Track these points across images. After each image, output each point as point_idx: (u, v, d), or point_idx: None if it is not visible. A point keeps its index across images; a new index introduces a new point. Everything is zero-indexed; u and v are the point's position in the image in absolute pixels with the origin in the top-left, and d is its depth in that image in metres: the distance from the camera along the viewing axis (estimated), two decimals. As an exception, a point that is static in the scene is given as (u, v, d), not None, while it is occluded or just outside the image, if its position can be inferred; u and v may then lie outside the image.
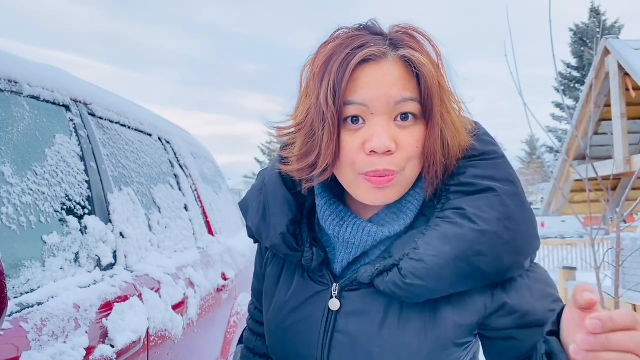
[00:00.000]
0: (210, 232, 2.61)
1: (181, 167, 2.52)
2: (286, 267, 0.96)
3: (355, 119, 0.80)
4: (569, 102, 25.95)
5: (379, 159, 0.78)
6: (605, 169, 5.31)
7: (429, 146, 0.80)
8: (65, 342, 1.13)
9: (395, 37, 0.81)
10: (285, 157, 0.90)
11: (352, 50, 0.78)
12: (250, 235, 0.99)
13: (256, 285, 1.09)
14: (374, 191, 0.81)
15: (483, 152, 0.85)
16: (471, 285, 0.79)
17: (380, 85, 0.78)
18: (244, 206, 1.00)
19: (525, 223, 0.80)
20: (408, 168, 0.81)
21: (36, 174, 1.30)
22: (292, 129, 0.87)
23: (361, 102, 0.78)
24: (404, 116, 0.80)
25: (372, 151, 0.78)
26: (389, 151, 0.78)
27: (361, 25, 0.84)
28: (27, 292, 1.13)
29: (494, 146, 0.86)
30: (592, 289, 0.59)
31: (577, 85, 28.24)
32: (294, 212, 0.92)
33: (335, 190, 0.91)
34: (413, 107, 0.79)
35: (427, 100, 0.79)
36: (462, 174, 0.83)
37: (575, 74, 28.53)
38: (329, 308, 0.86)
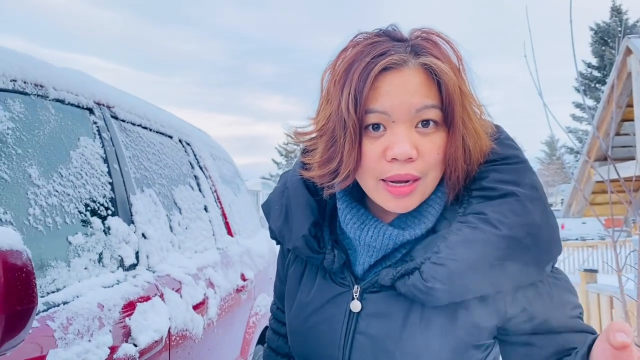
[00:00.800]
0: (230, 233, 2.63)
1: (201, 168, 2.55)
2: (308, 268, 0.97)
3: (376, 126, 0.80)
4: (590, 102, 25.62)
5: (400, 166, 0.79)
6: (628, 170, 5.22)
7: (450, 153, 0.81)
8: (90, 340, 1.15)
9: (416, 43, 0.81)
10: (307, 163, 0.91)
11: (373, 59, 0.78)
12: (273, 237, 1.00)
13: (278, 285, 1.10)
14: (394, 200, 0.82)
15: (505, 156, 0.85)
16: (492, 290, 0.79)
17: (401, 93, 0.78)
18: (266, 208, 1.01)
19: (547, 228, 0.80)
20: (430, 175, 0.81)
21: (61, 175, 1.33)
22: (314, 134, 0.88)
23: (382, 110, 0.78)
24: (425, 123, 0.80)
25: (393, 158, 0.79)
26: (410, 158, 0.78)
27: (381, 30, 0.84)
28: (53, 292, 1.16)
29: (515, 150, 0.86)
30: (627, 330, 0.59)
31: (597, 85, 27.85)
32: (316, 215, 0.92)
33: (357, 194, 0.92)
34: (434, 114, 0.79)
35: (448, 107, 0.79)
36: (484, 179, 0.83)
37: (596, 73, 28.15)
38: (350, 310, 0.87)
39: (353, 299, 0.87)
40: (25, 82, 1.31)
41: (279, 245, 1.07)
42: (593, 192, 7.19)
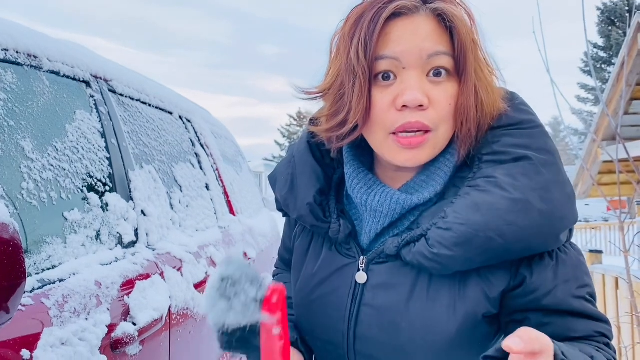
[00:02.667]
0: (232, 211, 2.59)
1: (202, 146, 2.50)
2: (314, 240, 0.95)
3: (386, 75, 0.78)
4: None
5: (411, 114, 0.76)
6: (637, 149, 5.16)
7: (462, 102, 0.78)
8: (87, 318, 1.12)
9: None
10: (316, 119, 0.89)
11: (384, 5, 0.76)
12: (279, 207, 0.98)
13: (282, 251, 1.11)
14: (404, 152, 0.79)
15: (519, 120, 0.81)
16: (501, 258, 0.75)
17: (413, 38, 0.76)
18: (272, 179, 0.99)
19: (562, 194, 0.76)
20: (441, 128, 0.78)
21: (57, 149, 1.28)
22: (323, 92, 0.86)
23: (393, 55, 0.76)
24: (437, 72, 0.77)
25: (403, 106, 0.76)
26: (421, 106, 0.76)
27: None
28: (48, 269, 1.12)
29: (530, 115, 0.83)
30: (526, 337, 0.58)
31: (603, 66, 27.51)
32: (322, 183, 0.90)
33: (365, 162, 0.89)
34: (446, 61, 0.77)
35: (461, 55, 0.77)
36: (496, 143, 0.80)
37: (602, 54, 27.78)
38: (355, 281, 0.84)
39: (359, 270, 0.85)
40: (17, 52, 1.25)
41: (285, 218, 1.05)
42: (599, 172, 7.12)
